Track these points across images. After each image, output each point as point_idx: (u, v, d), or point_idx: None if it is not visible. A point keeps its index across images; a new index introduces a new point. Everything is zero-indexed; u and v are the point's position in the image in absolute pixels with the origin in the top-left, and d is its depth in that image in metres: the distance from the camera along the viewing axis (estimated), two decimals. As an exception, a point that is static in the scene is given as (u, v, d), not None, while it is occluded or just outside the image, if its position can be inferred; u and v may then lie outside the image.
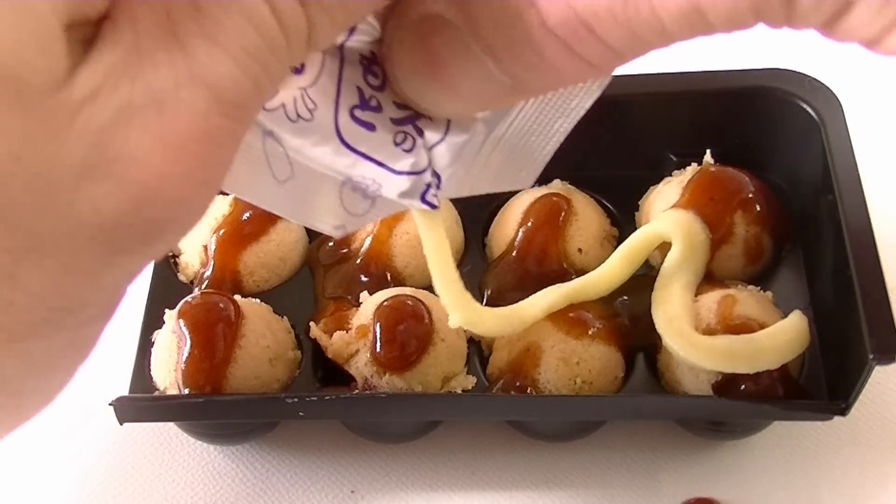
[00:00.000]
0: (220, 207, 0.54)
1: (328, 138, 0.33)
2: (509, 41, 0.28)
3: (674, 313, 0.48)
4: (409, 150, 0.35)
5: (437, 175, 0.36)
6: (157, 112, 0.25)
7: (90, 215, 0.25)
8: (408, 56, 0.31)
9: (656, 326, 0.48)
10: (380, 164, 0.35)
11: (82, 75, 0.24)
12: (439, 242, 0.42)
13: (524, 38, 0.28)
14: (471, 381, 0.49)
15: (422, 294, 0.50)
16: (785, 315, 0.47)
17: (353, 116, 0.33)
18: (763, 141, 0.54)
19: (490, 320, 0.49)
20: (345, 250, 0.53)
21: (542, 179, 0.55)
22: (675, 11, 0.26)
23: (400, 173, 0.35)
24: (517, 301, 0.50)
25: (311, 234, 0.55)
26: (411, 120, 0.35)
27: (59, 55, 0.24)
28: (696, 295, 0.49)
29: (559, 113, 0.38)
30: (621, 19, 0.27)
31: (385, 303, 0.49)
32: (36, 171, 0.24)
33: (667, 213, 0.51)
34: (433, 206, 0.37)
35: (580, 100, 0.37)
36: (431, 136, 0.35)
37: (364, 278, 0.52)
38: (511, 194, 0.54)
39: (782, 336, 0.45)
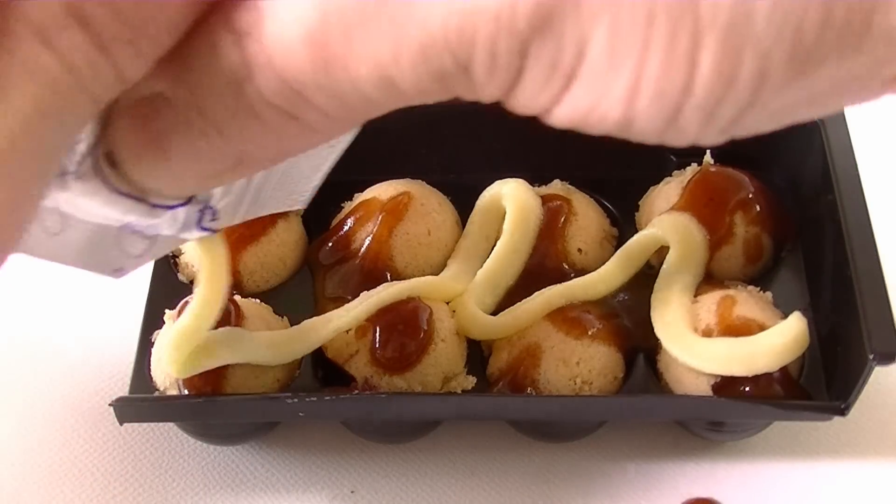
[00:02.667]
0: (220, 207, 0.54)
1: (98, 189, 0.32)
2: (232, 114, 0.28)
3: (672, 316, 0.48)
4: None
5: (210, 208, 0.36)
6: None
7: None
8: (131, 140, 0.30)
9: (655, 329, 0.48)
10: (153, 204, 0.34)
11: None
12: (218, 270, 0.42)
13: (247, 109, 0.28)
14: (471, 382, 0.49)
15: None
16: (785, 316, 0.47)
17: None
18: (763, 141, 0.53)
19: (488, 322, 0.50)
20: (345, 251, 0.53)
21: (543, 179, 0.55)
22: (369, 80, 0.27)
23: (172, 207, 0.35)
24: (517, 301, 0.50)
25: (311, 235, 0.55)
26: None
27: None
28: (695, 295, 0.49)
29: (325, 147, 0.39)
30: (325, 87, 0.27)
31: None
32: None
33: (663, 216, 0.51)
34: (213, 231, 0.37)
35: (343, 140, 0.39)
36: None
37: (364, 278, 0.52)
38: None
39: (781, 339, 0.45)
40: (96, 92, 0.27)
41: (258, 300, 0.52)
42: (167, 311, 0.50)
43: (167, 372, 0.46)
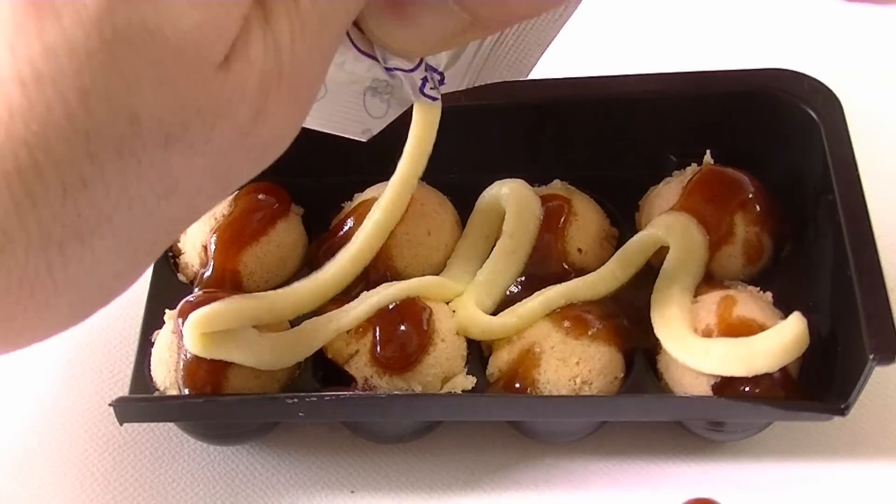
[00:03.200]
0: (219, 207, 0.54)
1: (347, 47, 0.37)
2: None
3: (672, 316, 0.48)
4: None
5: (435, 70, 0.41)
6: (280, 72, 0.30)
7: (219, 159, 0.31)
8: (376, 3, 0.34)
9: (655, 330, 0.48)
10: (388, 68, 0.38)
11: (237, 66, 0.29)
12: (425, 139, 0.47)
13: None
14: (471, 382, 0.49)
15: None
16: (785, 316, 0.47)
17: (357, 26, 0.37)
18: (763, 141, 0.54)
19: (488, 322, 0.50)
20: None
21: (543, 179, 0.55)
22: None
23: (406, 71, 0.39)
24: (517, 301, 0.50)
25: (311, 235, 0.55)
26: None
27: (229, 39, 0.29)
28: (695, 295, 0.49)
29: (551, 19, 0.41)
30: None
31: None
32: (201, 138, 0.29)
33: (663, 216, 0.51)
34: (433, 99, 0.42)
35: (566, 8, 0.40)
36: None
37: (364, 278, 0.52)
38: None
39: (780, 339, 0.45)
40: None
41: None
42: (167, 311, 0.50)
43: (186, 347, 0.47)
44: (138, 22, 0.27)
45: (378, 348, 0.48)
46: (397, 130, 0.55)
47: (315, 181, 0.55)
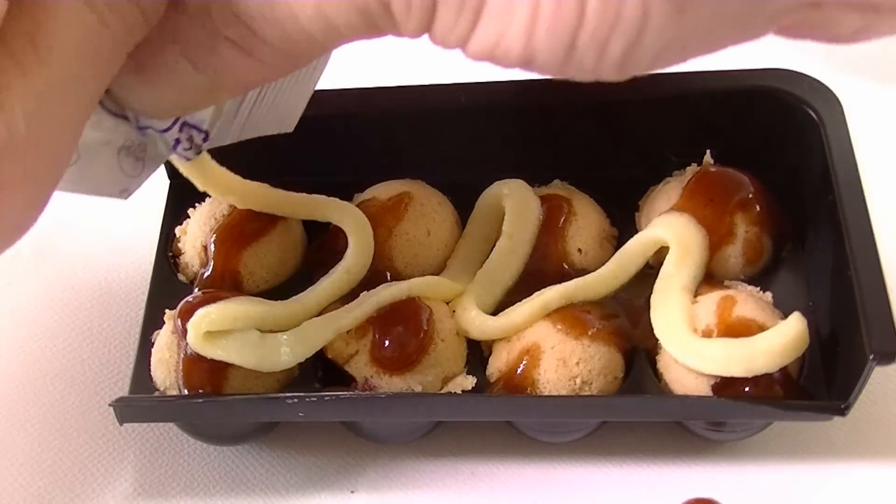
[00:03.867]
0: (220, 208, 0.54)
1: (98, 112, 0.37)
2: (199, 47, 0.33)
3: (672, 316, 0.48)
4: None
5: (197, 128, 0.41)
6: (12, 146, 0.30)
7: None
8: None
9: (654, 330, 0.48)
10: (140, 126, 0.39)
11: None
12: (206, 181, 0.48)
13: (208, 41, 0.32)
14: (471, 382, 0.49)
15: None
16: (785, 316, 0.47)
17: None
18: (763, 141, 0.54)
19: (488, 322, 0.50)
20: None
21: (543, 179, 0.55)
22: (306, 12, 0.30)
23: (161, 130, 0.40)
24: (517, 301, 0.50)
25: (311, 235, 0.55)
26: None
27: None
28: (695, 295, 0.49)
29: (306, 71, 0.43)
30: (270, 19, 0.31)
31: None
32: None
33: (663, 216, 0.51)
34: (188, 159, 0.43)
35: (320, 60, 0.42)
36: None
37: (364, 279, 0.52)
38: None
39: (780, 339, 0.45)
40: (127, 37, 0.31)
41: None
42: (167, 311, 0.50)
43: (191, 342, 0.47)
44: None
45: (378, 348, 0.48)
46: (399, 130, 0.55)
47: (315, 181, 0.55)
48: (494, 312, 0.51)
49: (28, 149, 0.30)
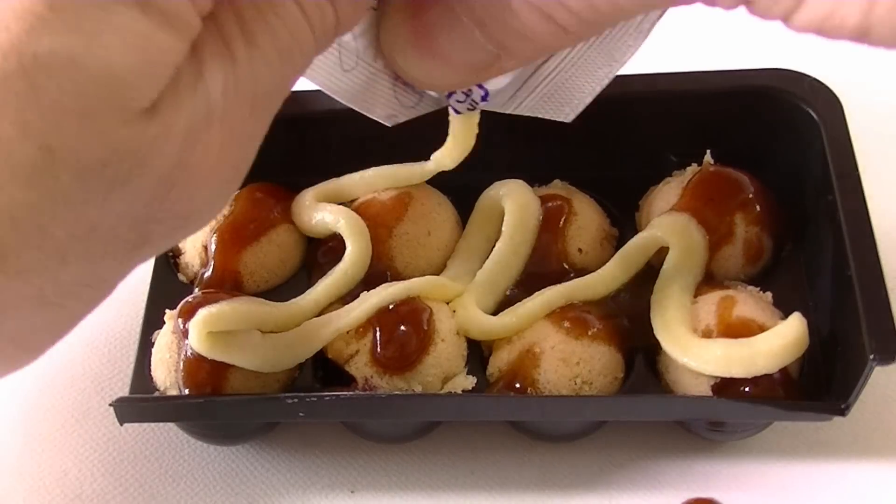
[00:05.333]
0: (220, 207, 0.54)
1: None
2: (493, 9, 0.31)
3: (672, 317, 0.48)
4: None
5: (482, 88, 0.40)
6: (209, 125, 0.29)
7: (138, 208, 0.29)
8: (401, 28, 0.34)
9: (654, 331, 0.48)
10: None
11: (164, 114, 0.28)
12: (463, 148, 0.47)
13: (505, 5, 0.31)
14: (471, 382, 0.49)
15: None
16: (785, 316, 0.47)
17: None
18: (763, 141, 0.54)
19: (488, 322, 0.50)
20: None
21: (543, 179, 0.55)
22: None
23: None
24: (517, 301, 0.50)
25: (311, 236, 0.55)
26: None
27: (159, 86, 0.28)
28: (695, 296, 0.49)
29: (605, 60, 0.41)
30: None
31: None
32: (119, 180, 0.28)
33: (663, 216, 0.51)
34: (459, 112, 0.42)
35: (623, 52, 0.40)
36: None
37: (363, 279, 0.52)
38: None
39: (780, 340, 0.45)
40: (320, 39, 0.31)
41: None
42: (167, 311, 0.50)
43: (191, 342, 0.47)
44: (63, 52, 0.26)
45: (378, 348, 0.48)
46: (399, 130, 0.55)
47: (315, 181, 0.55)
48: (495, 312, 0.51)
49: (222, 132, 0.29)
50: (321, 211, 0.53)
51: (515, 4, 0.31)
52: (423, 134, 0.54)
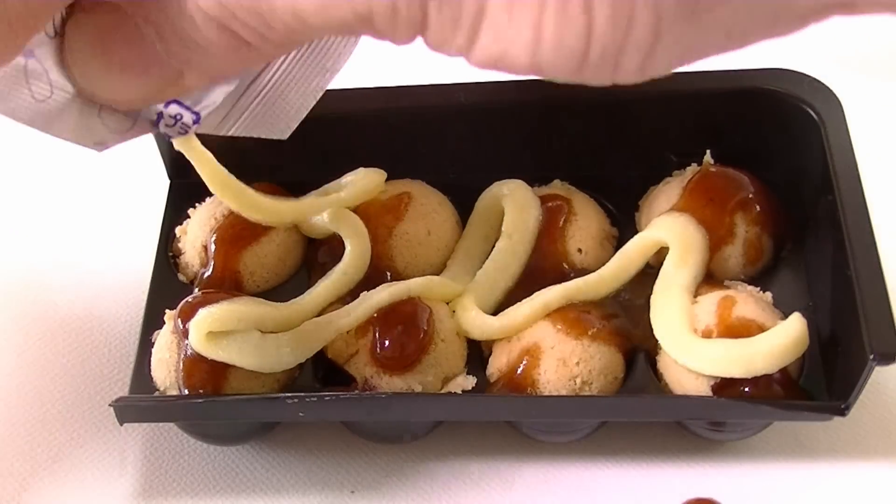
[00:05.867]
0: (220, 208, 0.54)
1: None
2: (171, 20, 0.31)
3: (671, 317, 0.48)
4: None
5: (187, 107, 0.38)
6: None
7: None
8: (83, 43, 0.33)
9: (654, 331, 0.48)
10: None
11: None
12: (204, 163, 0.45)
13: (183, 15, 0.30)
14: (471, 382, 0.49)
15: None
16: (785, 316, 0.47)
17: None
18: (763, 141, 0.54)
19: (488, 322, 0.50)
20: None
21: (543, 179, 0.55)
22: (286, 12, 0.29)
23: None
24: (517, 301, 0.50)
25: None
26: None
27: None
28: (695, 296, 0.49)
29: (316, 71, 0.40)
30: (250, 8, 0.29)
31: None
32: None
33: (663, 217, 0.51)
34: (169, 136, 0.40)
35: (335, 61, 0.40)
36: None
37: (364, 279, 0.52)
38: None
39: (780, 340, 0.45)
40: None
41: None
42: (167, 311, 0.50)
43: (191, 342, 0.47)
44: None
45: (378, 348, 0.48)
46: (399, 130, 0.55)
47: (315, 181, 0.55)
48: (494, 312, 0.51)
49: None
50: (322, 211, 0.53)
51: (191, 13, 0.30)
52: (423, 134, 0.54)
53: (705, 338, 0.47)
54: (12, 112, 0.36)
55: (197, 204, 0.55)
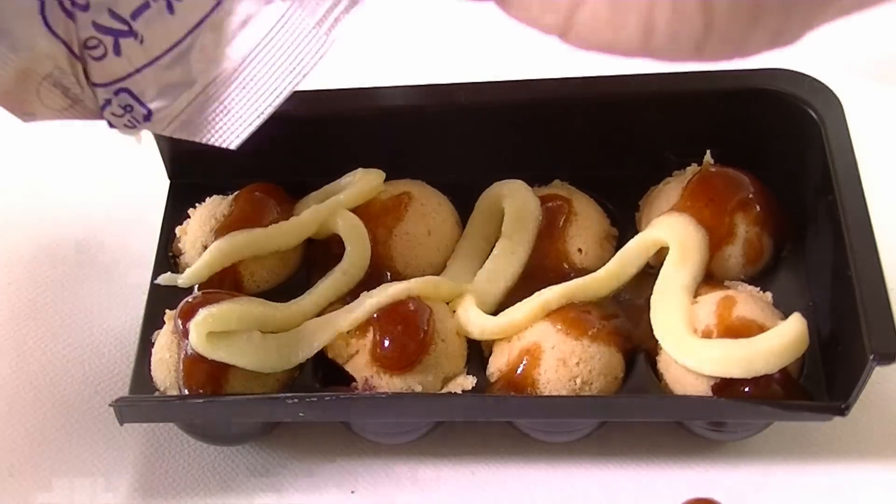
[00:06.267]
0: (219, 208, 0.54)
1: (32, 17, 0.36)
2: None
3: (671, 317, 0.48)
4: (96, 59, 0.38)
5: (140, 102, 0.39)
6: None
7: None
8: None
9: (654, 331, 0.48)
10: (77, 58, 0.37)
11: None
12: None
13: None
14: (471, 382, 0.49)
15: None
16: (785, 316, 0.47)
17: (60, 4, 0.36)
18: (763, 141, 0.54)
19: (488, 322, 0.50)
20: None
21: (543, 179, 0.55)
22: None
23: (95, 85, 0.38)
24: (517, 301, 0.50)
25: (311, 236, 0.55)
26: (115, 34, 0.37)
27: None
28: (695, 296, 0.49)
29: (287, 72, 0.39)
30: None
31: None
32: None
33: (663, 217, 0.51)
34: (112, 126, 0.39)
35: (306, 63, 0.38)
36: (135, 58, 0.38)
37: (364, 279, 0.52)
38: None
39: (780, 340, 0.45)
40: None
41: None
42: (167, 311, 0.50)
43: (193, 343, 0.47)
44: None
45: (378, 348, 0.48)
46: (399, 130, 0.55)
47: (315, 181, 0.55)
48: (494, 312, 0.51)
49: None
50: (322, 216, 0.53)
51: None
52: (423, 134, 0.54)
53: (705, 338, 0.47)
54: None
55: (197, 204, 0.55)
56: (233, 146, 0.40)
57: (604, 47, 0.31)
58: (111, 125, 0.40)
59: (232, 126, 0.40)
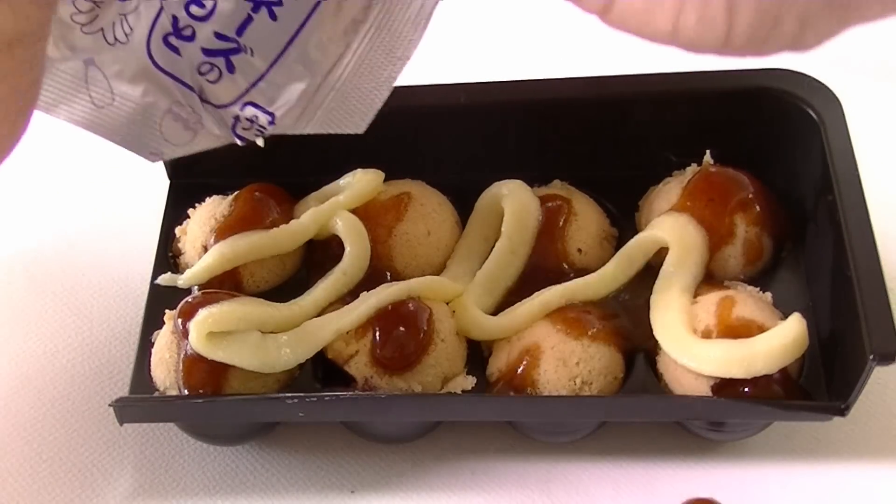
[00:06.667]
0: (219, 208, 0.54)
1: (141, 59, 0.37)
2: None
3: (671, 317, 0.48)
4: (213, 82, 0.39)
5: (264, 110, 0.40)
6: None
7: None
8: None
9: (654, 331, 0.48)
10: (190, 89, 0.38)
11: None
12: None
13: None
14: (471, 382, 0.49)
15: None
16: (785, 316, 0.47)
17: (165, 42, 0.37)
18: (763, 141, 0.54)
19: (488, 322, 0.50)
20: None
21: (543, 179, 0.55)
22: None
23: (218, 107, 0.39)
24: (517, 301, 0.50)
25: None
26: (225, 53, 0.38)
27: None
28: (695, 296, 0.49)
29: (386, 60, 0.41)
30: None
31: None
32: None
33: (663, 217, 0.51)
34: (243, 140, 0.40)
35: (404, 49, 0.40)
36: (250, 72, 0.39)
37: (364, 279, 0.52)
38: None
39: (780, 341, 0.45)
40: None
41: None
42: (167, 311, 0.50)
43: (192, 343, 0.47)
44: None
45: (378, 348, 0.48)
46: (399, 130, 0.55)
47: (315, 181, 0.55)
48: (494, 312, 0.51)
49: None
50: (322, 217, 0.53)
51: None
52: (423, 134, 0.54)
53: (705, 338, 0.47)
54: (72, 116, 0.37)
55: (197, 204, 0.55)
56: (360, 131, 0.43)
57: (638, 31, 0.32)
58: (241, 139, 0.41)
59: (356, 112, 0.42)
